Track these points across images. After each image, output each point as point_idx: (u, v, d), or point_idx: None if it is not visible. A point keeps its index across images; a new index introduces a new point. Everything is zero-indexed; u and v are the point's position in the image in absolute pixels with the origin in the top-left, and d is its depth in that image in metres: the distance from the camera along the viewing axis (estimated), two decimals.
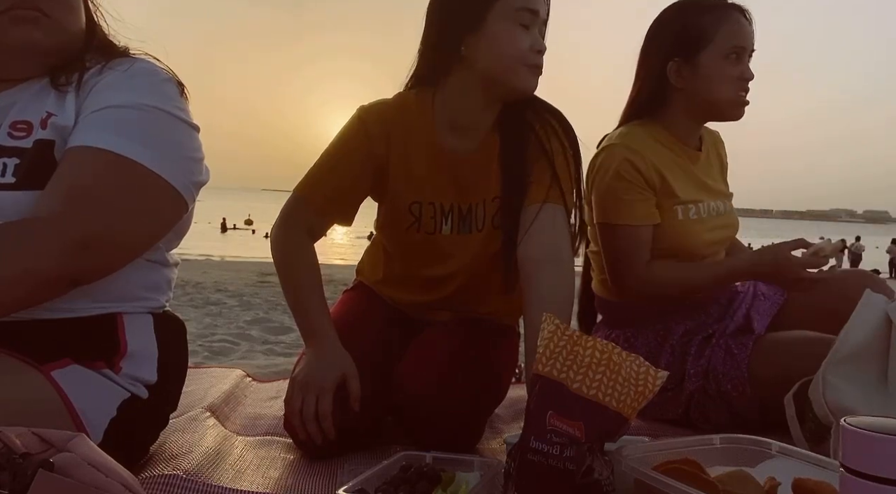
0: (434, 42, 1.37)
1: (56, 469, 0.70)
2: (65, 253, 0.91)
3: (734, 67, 1.57)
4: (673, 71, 1.59)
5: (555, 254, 1.30)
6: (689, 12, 1.59)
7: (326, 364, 1.29)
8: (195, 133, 1.11)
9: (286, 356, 4.52)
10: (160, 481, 1.08)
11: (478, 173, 1.41)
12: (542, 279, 1.27)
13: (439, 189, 1.42)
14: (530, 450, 0.92)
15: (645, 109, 1.65)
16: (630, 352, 0.98)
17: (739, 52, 1.57)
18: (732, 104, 1.60)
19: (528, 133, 1.39)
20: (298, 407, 1.26)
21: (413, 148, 1.40)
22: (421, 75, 1.43)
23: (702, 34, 1.56)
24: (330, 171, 1.42)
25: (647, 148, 1.58)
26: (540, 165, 1.37)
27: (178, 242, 1.21)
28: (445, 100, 1.39)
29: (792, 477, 0.91)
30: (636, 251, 1.57)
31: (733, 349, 1.54)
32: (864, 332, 1.26)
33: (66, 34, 1.09)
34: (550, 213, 1.33)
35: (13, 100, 1.06)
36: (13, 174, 0.99)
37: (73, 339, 1.03)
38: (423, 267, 1.49)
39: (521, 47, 1.29)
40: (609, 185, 1.57)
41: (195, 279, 10.79)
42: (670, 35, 1.60)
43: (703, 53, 1.56)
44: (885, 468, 0.65)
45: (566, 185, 1.36)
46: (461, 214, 1.43)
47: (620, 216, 1.57)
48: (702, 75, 1.57)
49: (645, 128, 1.63)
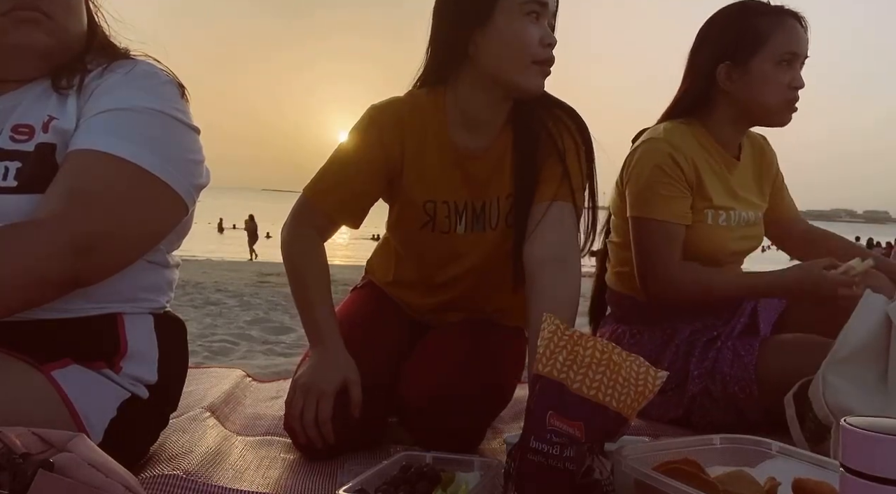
0: (442, 39, 1.36)
1: (56, 469, 0.70)
2: (66, 255, 0.91)
3: (785, 73, 1.55)
4: (723, 73, 1.58)
5: (560, 254, 1.28)
6: (745, 15, 1.57)
7: (329, 368, 1.29)
8: (195, 135, 1.11)
9: (286, 356, 4.52)
10: (160, 481, 1.08)
11: (491, 170, 1.40)
12: (545, 279, 1.25)
13: (453, 187, 1.41)
14: (530, 450, 0.92)
15: (690, 109, 1.64)
16: (631, 352, 0.98)
17: (792, 58, 1.55)
18: (780, 110, 1.58)
19: (540, 130, 1.38)
20: (299, 411, 1.25)
21: (427, 147, 1.39)
22: (430, 74, 1.41)
23: (756, 38, 1.54)
24: (342, 175, 1.40)
25: (690, 147, 1.57)
26: (551, 162, 1.35)
27: (178, 244, 1.21)
28: (457, 98, 1.38)
29: (792, 477, 0.91)
30: (669, 248, 1.56)
31: (740, 351, 1.53)
32: (864, 332, 1.26)
33: (68, 36, 1.09)
34: (558, 212, 1.32)
35: (15, 102, 1.06)
36: (15, 178, 0.99)
37: (74, 339, 1.03)
38: (435, 266, 1.48)
39: (530, 41, 1.27)
40: (649, 179, 1.55)
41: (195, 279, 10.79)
42: (723, 37, 1.58)
43: (756, 57, 1.55)
44: (885, 468, 0.65)
45: (577, 183, 1.35)
46: (475, 212, 1.42)
47: (657, 211, 1.55)
48: (752, 79, 1.56)
49: (689, 127, 1.61)
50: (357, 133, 1.40)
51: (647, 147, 1.59)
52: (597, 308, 1.84)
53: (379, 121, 1.38)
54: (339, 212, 1.42)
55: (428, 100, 1.40)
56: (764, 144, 1.77)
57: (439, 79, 1.40)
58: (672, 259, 1.56)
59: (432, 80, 1.41)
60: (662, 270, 1.56)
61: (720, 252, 1.62)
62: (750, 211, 1.67)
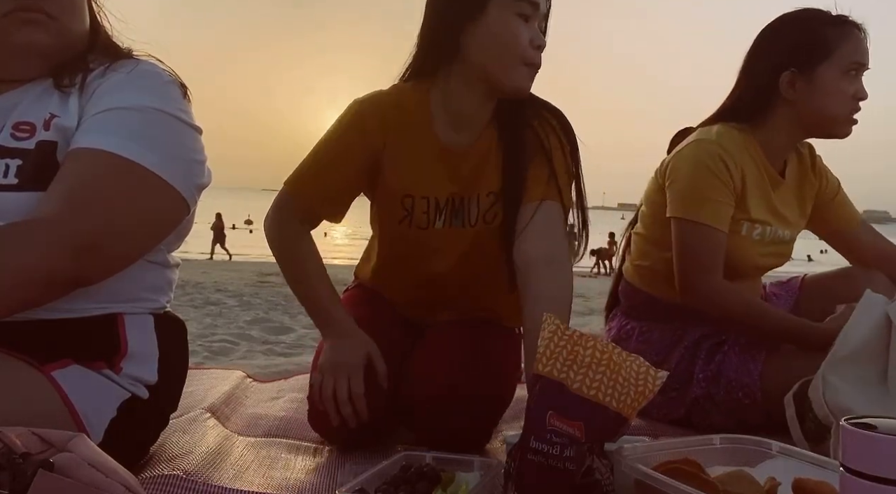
0: (432, 33, 1.35)
1: (56, 469, 0.70)
2: (67, 255, 0.91)
3: (850, 84, 1.53)
4: (786, 81, 1.54)
5: (550, 255, 1.28)
6: (812, 23, 1.54)
7: (351, 345, 1.31)
8: (197, 135, 1.11)
9: (286, 356, 4.52)
10: (160, 481, 1.08)
11: (474, 168, 1.39)
12: (538, 280, 1.25)
13: (434, 183, 1.39)
14: (530, 450, 0.92)
15: (744, 115, 1.60)
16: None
17: (858, 68, 1.53)
18: (843, 122, 1.56)
19: (525, 129, 1.38)
20: (331, 391, 1.27)
21: (410, 142, 1.38)
22: (418, 67, 1.40)
23: (824, 46, 1.51)
24: (323, 169, 1.39)
25: (741, 155, 1.54)
26: (538, 162, 1.35)
27: (179, 243, 1.21)
28: (443, 94, 1.37)
29: (792, 477, 0.91)
30: (714, 255, 1.51)
31: (746, 357, 1.53)
32: (864, 332, 1.26)
33: (70, 36, 1.09)
34: (546, 212, 1.32)
35: (16, 100, 1.06)
36: (15, 175, 0.99)
37: (74, 339, 1.03)
38: (414, 262, 1.47)
39: (520, 41, 1.27)
40: (697, 180, 1.52)
41: (195, 279, 10.78)
42: (788, 44, 1.55)
43: (822, 66, 1.52)
44: (885, 468, 0.65)
45: (563, 182, 1.35)
46: (454, 208, 1.41)
47: (703, 214, 1.51)
48: (817, 88, 1.52)
49: (742, 134, 1.57)
50: (339, 126, 1.39)
51: (697, 147, 1.55)
52: (614, 301, 1.81)
53: (361, 114, 1.37)
54: (321, 205, 1.41)
55: (413, 95, 1.39)
56: (809, 161, 1.70)
57: (426, 73, 1.38)
58: (716, 269, 1.52)
59: (419, 74, 1.40)
60: (707, 278, 1.52)
61: (746, 264, 1.59)
62: (787, 230, 1.64)
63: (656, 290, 1.66)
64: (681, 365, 1.58)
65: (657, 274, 1.65)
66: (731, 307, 1.52)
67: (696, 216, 1.52)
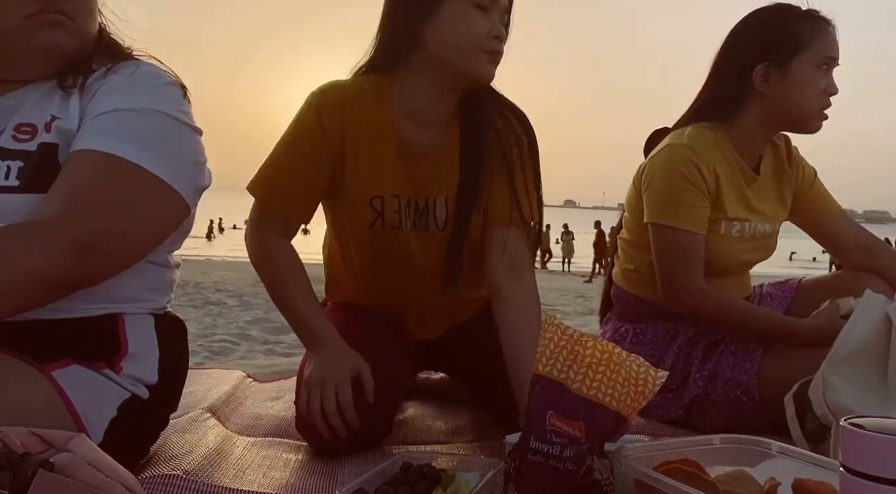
0: (392, 25, 1.34)
1: (56, 469, 0.70)
2: (67, 257, 0.91)
3: (822, 79, 1.54)
4: (760, 75, 1.54)
5: (518, 270, 1.35)
6: (786, 18, 1.55)
7: (338, 360, 1.30)
8: (198, 136, 1.11)
9: (286, 356, 4.52)
10: (160, 481, 1.08)
11: (436, 168, 1.37)
12: (508, 292, 1.33)
13: (397, 182, 1.37)
14: (530, 450, 0.93)
15: (717, 112, 1.60)
16: (633, 351, 0.98)
17: (830, 63, 1.54)
18: (814, 116, 1.56)
19: (488, 129, 1.37)
20: (318, 404, 1.25)
21: (370, 138, 1.35)
22: (376, 61, 1.38)
23: (799, 40, 1.52)
24: (291, 175, 1.36)
25: (713, 156, 1.55)
26: (500, 181, 1.37)
27: (179, 244, 1.21)
28: (403, 88, 1.35)
29: (792, 477, 0.91)
30: (693, 258, 1.53)
31: (742, 356, 1.53)
32: (864, 332, 1.26)
33: (86, 37, 1.10)
34: (514, 236, 1.36)
35: (19, 102, 1.07)
36: (17, 177, 0.99)
37: (74, 339, 1.03)
38: (392, 268, 1.44)
39: (478, 31, 1.26)
40: (671, 185, 1.54)
41: (195, 279, 10.79)
42: (762, 38, 1.55)
43: (796, 60, 1.52)
44: (885, 468, 0.65)
45: (525, 200, 1.37)
46: (417, 209, 1.39)
47: (679, 219, 1.53)
48: (791, 82, 1.53)
49: (713, 133, 1.58)
50: (298, 121, 1.36)
51: (670, 152, 1.56)
52: (608, 305, 1.83)
53: (318, 105, 1.35)
54: (298, 213, 1.39)
55: (372, 89, 1.36)
56: (785, 154, 1.69)
57: (386, 66, 1.36)
58: (698, 271, 1.53)
59: (378, 66, 1.38)
60: (689, 283, 1.53)
61: (730, 261, 1.61)
62: (766, 223, 1.65)
63: (644, 292, 1.67)
64: (677, 364, 1.59)
65: (643, 277, 1.66)
66: (714, 309, 1.54)
67: (672, 221, 1.54)
